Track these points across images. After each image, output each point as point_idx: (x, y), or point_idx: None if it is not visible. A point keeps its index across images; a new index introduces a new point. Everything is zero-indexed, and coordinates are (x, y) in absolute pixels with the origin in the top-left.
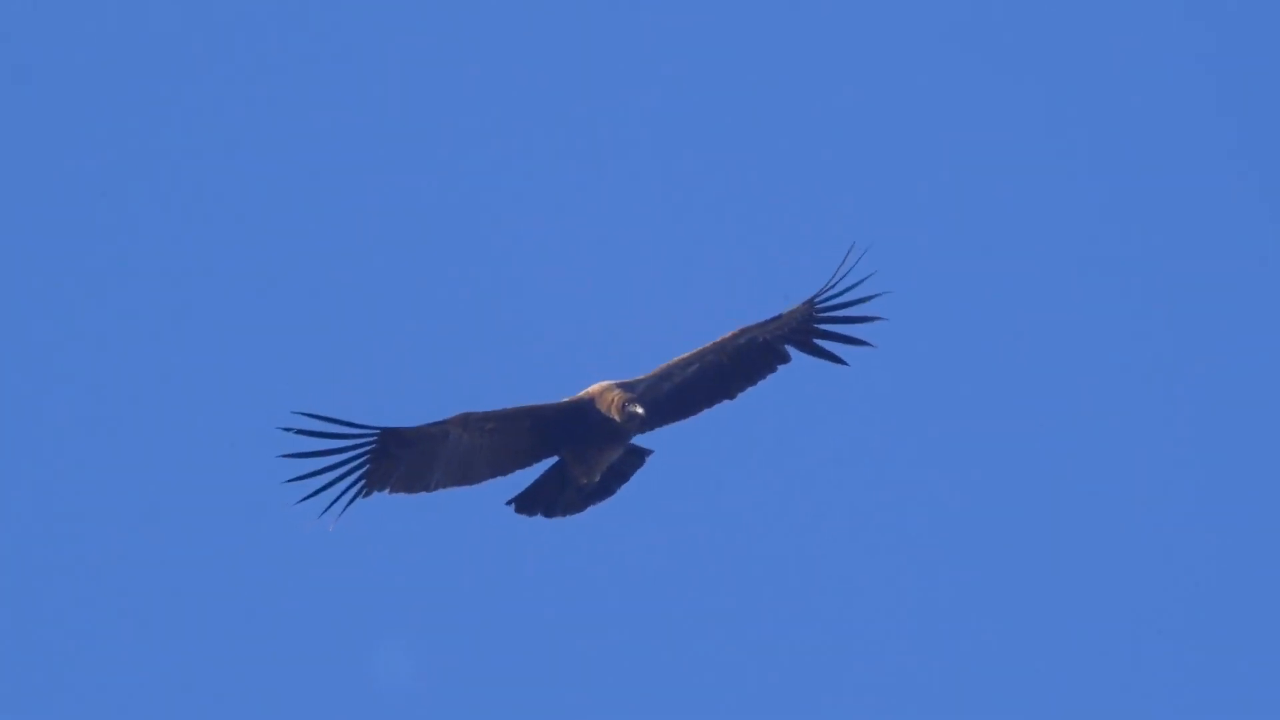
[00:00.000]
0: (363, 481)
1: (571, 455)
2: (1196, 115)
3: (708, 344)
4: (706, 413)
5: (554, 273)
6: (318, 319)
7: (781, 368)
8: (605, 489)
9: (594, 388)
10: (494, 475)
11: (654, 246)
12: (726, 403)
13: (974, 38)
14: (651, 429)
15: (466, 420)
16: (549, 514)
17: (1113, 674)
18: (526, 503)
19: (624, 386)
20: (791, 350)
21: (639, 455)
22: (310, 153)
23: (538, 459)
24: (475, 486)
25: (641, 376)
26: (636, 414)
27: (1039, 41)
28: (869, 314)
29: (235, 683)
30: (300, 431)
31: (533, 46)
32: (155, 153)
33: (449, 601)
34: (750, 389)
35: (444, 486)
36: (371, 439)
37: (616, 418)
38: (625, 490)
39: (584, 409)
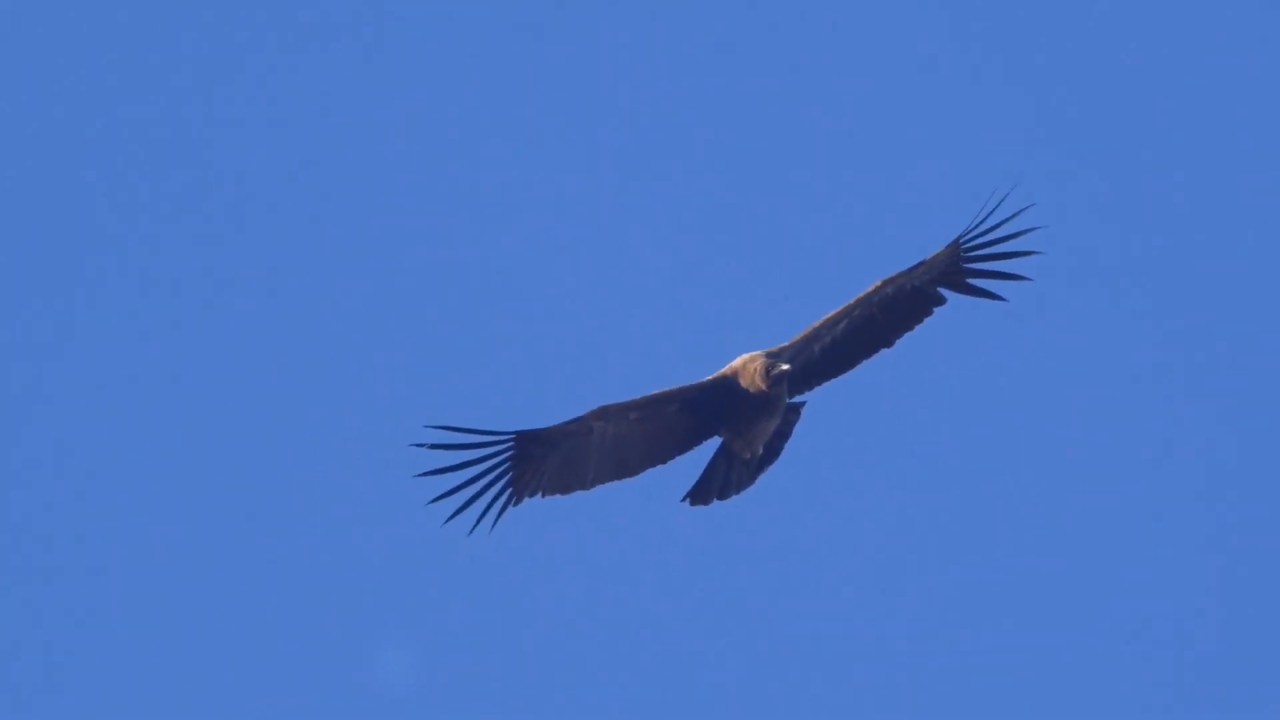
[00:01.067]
0: (510, 489)
1: (729, 432)
2: None
3: (851, 300)
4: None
5: (663, 248)
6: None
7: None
8: (772, 453)
9: (736, 361)
10: (652, 464)
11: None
12: (885, 351)
13: None
14: (810, 389)
15: (605, 412)
16: (723, 496)
17: None
18: (700, 494)
19: (768, 355)
20: (945, 292)
21: (794, 410)
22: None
23: (695, 442)
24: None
25: (785, 344)
26: (784, 370)
27: None
28: (1020, 249)
29: (236, 682)
30: (432, 446)
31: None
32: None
33: (451, 600)
34: (908, 335)
35: (601, 482)
36: (507, 444)
37: (763, 386)
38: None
39: (729, 384)
